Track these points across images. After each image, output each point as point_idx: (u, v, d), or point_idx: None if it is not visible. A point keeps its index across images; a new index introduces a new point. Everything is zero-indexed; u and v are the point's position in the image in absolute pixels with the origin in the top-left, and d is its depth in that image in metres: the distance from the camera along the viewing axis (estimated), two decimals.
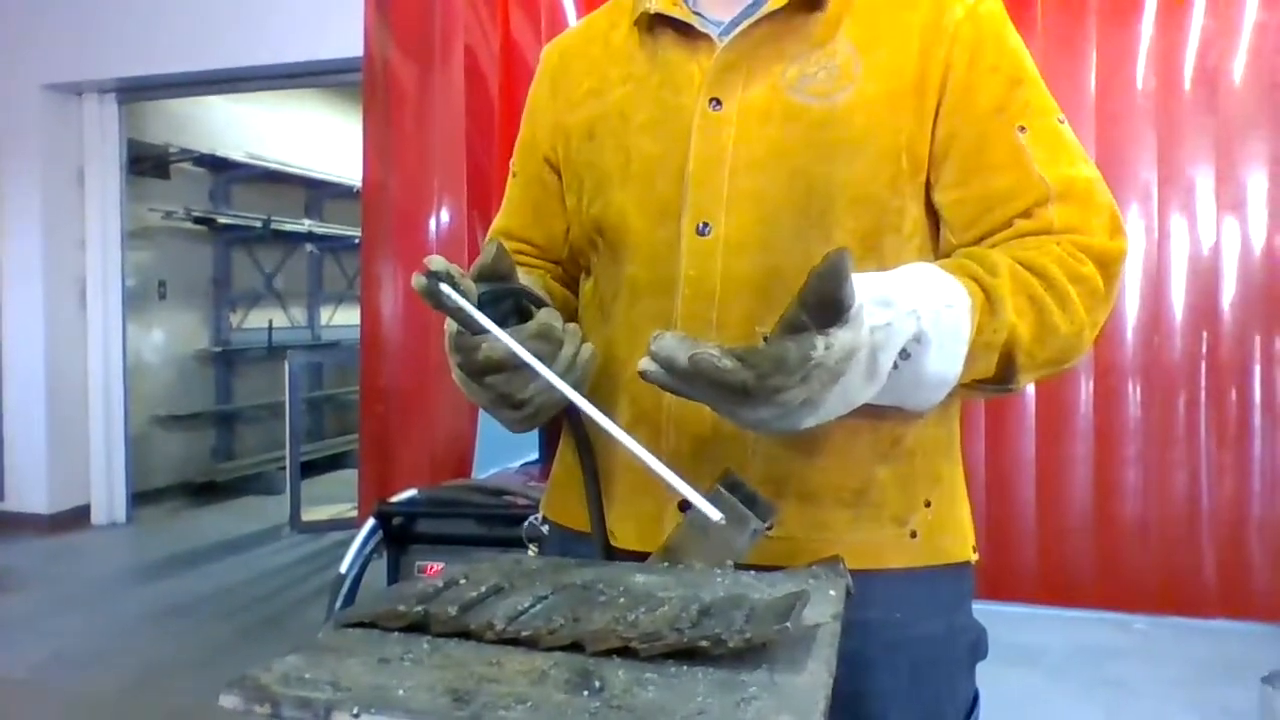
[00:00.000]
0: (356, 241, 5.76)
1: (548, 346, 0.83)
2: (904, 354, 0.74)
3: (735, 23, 0.93)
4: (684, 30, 0.94)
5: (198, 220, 5.38)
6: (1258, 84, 2.06)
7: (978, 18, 0.91)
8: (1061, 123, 0.89)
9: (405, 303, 2.60)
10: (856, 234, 0.88)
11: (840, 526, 0.87)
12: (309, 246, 6.47)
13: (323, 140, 6.28)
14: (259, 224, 5.72)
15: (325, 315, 6.79)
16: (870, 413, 0.86)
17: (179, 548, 4.26)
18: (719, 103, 0.91)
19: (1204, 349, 2.09)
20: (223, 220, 5.55)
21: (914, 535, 0.89)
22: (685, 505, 0.88)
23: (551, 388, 0.82)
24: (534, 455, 2.36)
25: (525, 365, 0.79)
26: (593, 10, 2.52)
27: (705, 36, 0.93)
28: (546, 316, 0.84)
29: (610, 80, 1.00)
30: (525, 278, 0.98)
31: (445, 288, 0.77)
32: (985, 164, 0.88)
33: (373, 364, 2.61)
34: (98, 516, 4.44)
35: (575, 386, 0.85)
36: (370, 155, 2.65)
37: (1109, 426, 2.11)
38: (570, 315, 1.00)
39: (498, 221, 1.11)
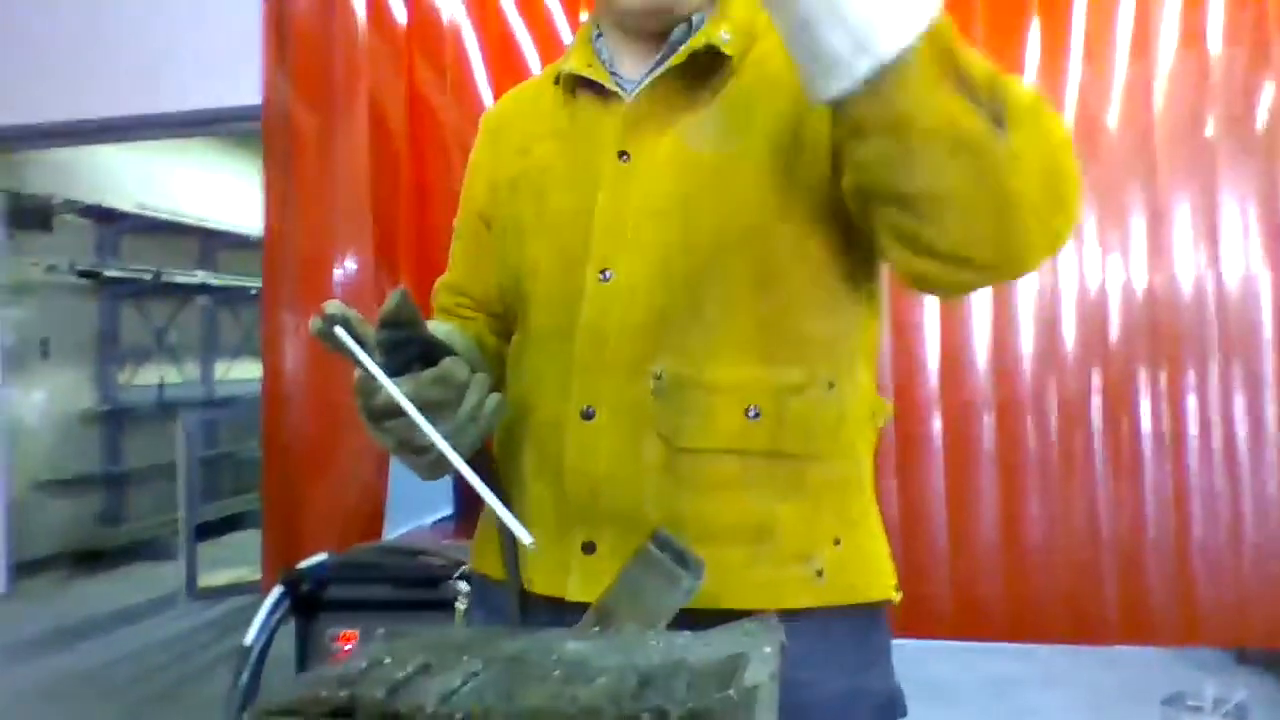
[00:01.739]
0: (253, 292, 5.60)
1: (446, 394, 0.84)
2: None
3: (650, 72, 0.97)
4: (598, 89, 0.98)
5: (82, 274, 5.14)
6: (1133, 132, 2.19)
7: None
8: None
9: (310, 355, 2.52)
10: (746, 270, 0.90)
11: (739, 565, 0.87)
12: (202, 299, 6.26)
13: (217, 189, 6.11)
14: (149, 276, 5.50)
15: (220, 370, 6.55)
16: (769, 449, 0.87)
17: (63, 621, 4.01)
18: (627, 155, 0.95)
19: (1095, 383, 2.18)
20: (110, 273, 5.32)
21: (820, 575, 0.90)
22: (589, 548, 0.88)
23: (454, 434, 0.82)
24: (448, 510, 2.31)
25: (397, 415, 0.79)
26: (497, 62, 2.52)
27: (616, 94, 0.96)
28: (449, 365, 0.85)
29: (535, 137, 1.04)
30: (455, 330, 1.00)
31: (340, 331, 0.77)
32: None
33: (275, 419, 2.52)
34: None
35: (479, 435, 0.86)
36: (272, 204, 2.58)
37: (1011, 459, 2.18)
38: (501, 365, 1.02)
39: (444, 276, 1.15)
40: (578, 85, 1.00)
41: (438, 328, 0.98)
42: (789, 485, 0.91)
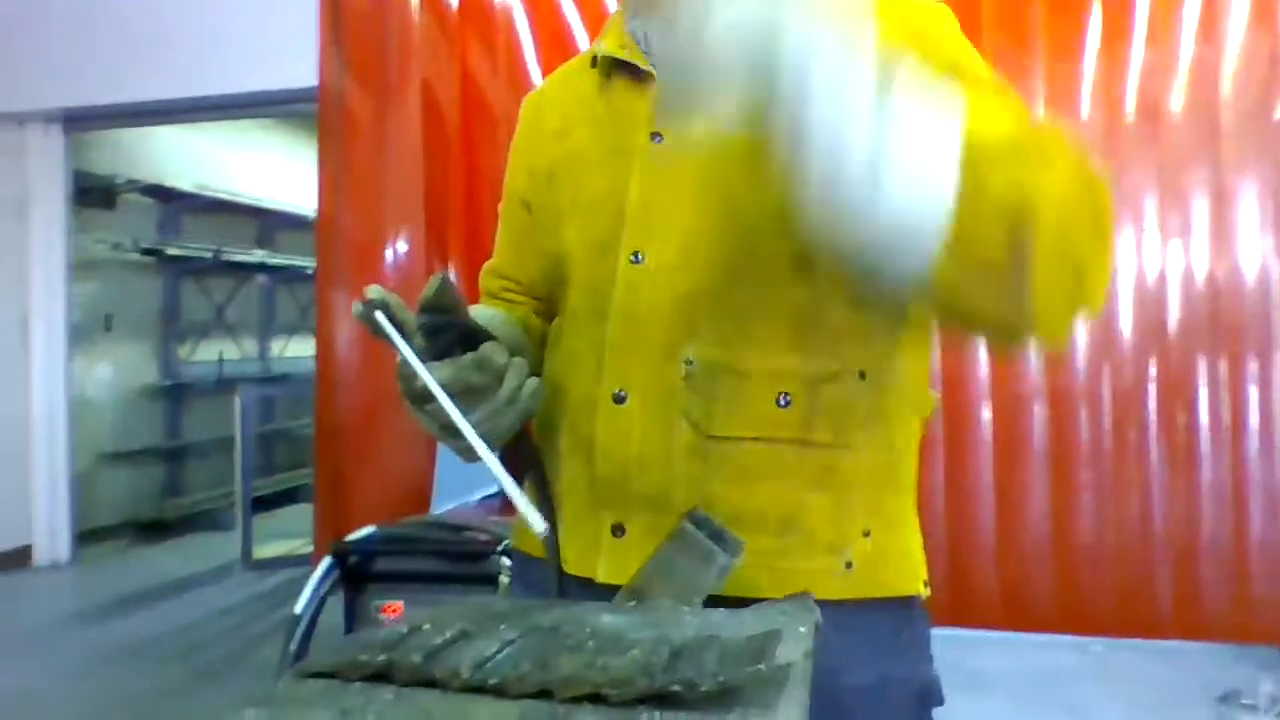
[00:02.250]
0: (310, 272, 5.70)
1: (484, 378, 0.85)
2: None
3: None
4: (633, 70, 0.97)
5: (145, 252, 5.28)
6: (1196, 114, 2.13)
7: (906, 22, 0.89)
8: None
9: (361, 335, 2.56)
10: (782, 255, 0.89)
11: (768, 554, 0.87)
12: (260, 277, 6.38)
13: (274, 170, 6.21)
14: (209, 255, 5.62)
15: (277, 347, 6.69)
16: (799, 437, 0.87)
17: (125, 588, 4.13)
18: (660, 136, 0.94)
19: (1152, 373, 2.13)
20: (171, 251, 5.45)
21: (849, 566, 0.89)
22: (618, 530, 0.89)
23: (493, 417, 0.83)
24: (494, 489, 2.34)
25: (435, 394, 0.80)
26: (549, 44, 2.52)
27: (650, 74, 0.96)
28: (487, 349, 0.86)
29: (573, 122, 1.04)
30: (499, 314, 1.01)
31: (380, 316, 0.78)
32: None
33: (327, 398, 2.57)
34: (39, 557, 4.30)
35: (517, 419, 0.87)
36: (325, 186, 2.62)
37: (1063, 451, 2.14)
38: (545, 348, 1.03)
39: (490, 261, 1.16)
40: (612, 68, 1.00)
41: (481, 312, 0.99)
42: (820, 475, 0.90)
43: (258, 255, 6.15)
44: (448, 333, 0.85)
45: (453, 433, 0.88)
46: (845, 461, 0.91)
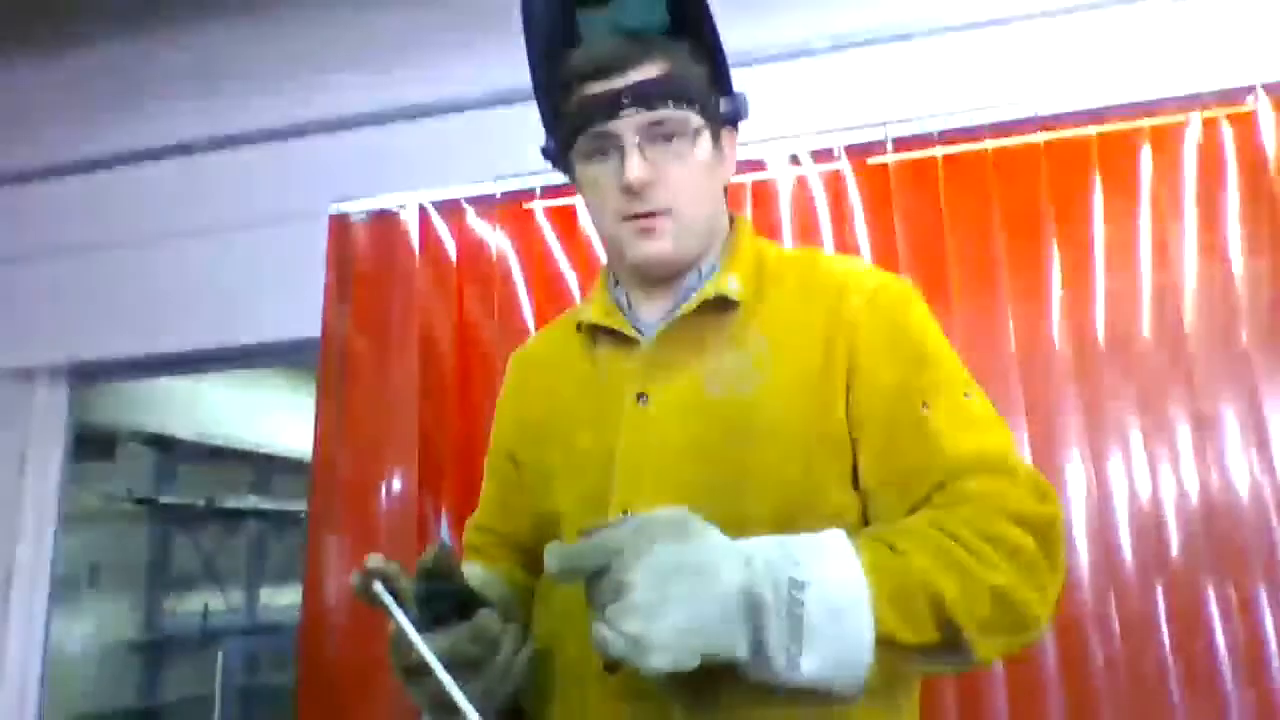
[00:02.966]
0: (302, 516, 5.65)
1: (481, 650, 0.84)
2: (794, 603, 0.75)
3: (663, 319, 1.02)
4: (618, 334, 1.03)
5: (138, 501, 5.26)
6: (1167, 341, 2.20)
7: (875, 304, 0.98)
8: (968, 397, 0.95)
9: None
10: (768, 516, 0.90)
11: None
12: (252, 523, 6.32)
13: (272, 414, 6.31)
14: (202, 503, 5.60)
15: (265, 596, 6.51)
16: (792, 698, 0.83)
17: None
18: (645, 397, 0.98)
19: (1160, 599, 2.08)
20: (165, 500, 5.43)
21: None
22: None
23: (489, 692, 0.81)
24: None
25: (433, 671, 0.78)
26: (541, 292, 2.63)
27: (634, 339, 1.02)
28: (484, 619, 0.86)
29: (561, 381, 1.10)
30: (491, 575, 1.00)
31: (379, 587, 0.78)
32: (894, 446, 0.94)
33: (313, 650, 2.47)
34: None
35: (513, 689, 0.85)
36: (322, 431, 2.66)
37: (1080, 685, 2.05)
38: (531, 602, 1.01)
39: (474, 516, 1.18)
40: (598, 332, 1.06)
41: (473, 573, 0.99)
42: None
43: (251, 501, 6.12)
44: (444, 599, 0.85)
45: (447, 709, 0.85)
46: (845, 717, 0.87)
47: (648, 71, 1.01)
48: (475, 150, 2.87)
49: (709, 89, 1.07)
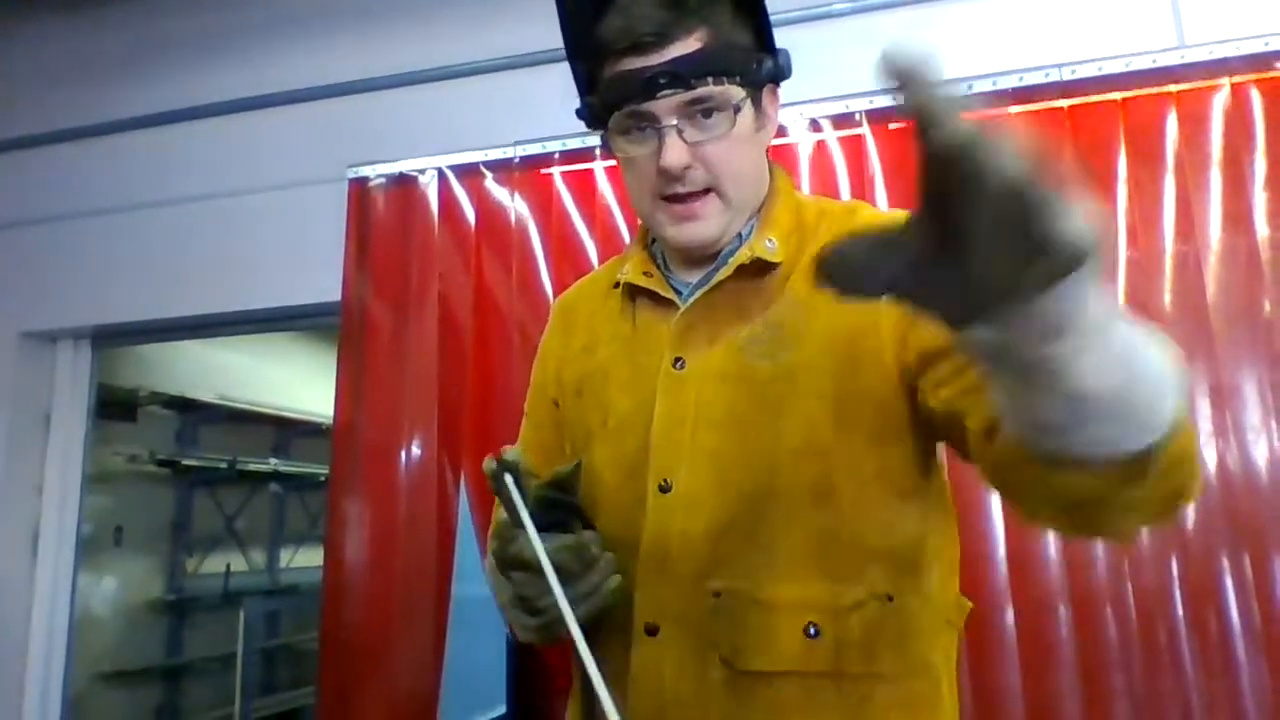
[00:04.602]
0: (321, 479, 5.71)
1: (578, 565, 0.85)
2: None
3: (700, 284, 1.01)
4: (655, 296, 1.01)
5: (160, 463, 5.32)
6: (1187, 312, 2.17)
7: None
8: None
9: (372, 544, 2.54)
10: (804, 486, 0.89)
11: None
12: (273, 486, 6.40)
13: (292, 378, 6.36)
14: (224, 465, 5.67)
15: (285, 558, 6.60)
16: (831, 669, 0.84)
17: None
18: (682, 362, 0.97)
19: (1175, 573, 2.07)
20: (187, 462, 5.50)
21: None
22: None
23: (573, 603, 0.83)
24: (500, 709, 2.24)
25: (528, 566, 0.81)
26: (560, 256, 2.61)
27: (672, 300, 1.00)
28: (588, 537, 0.87)
29: (600, 339, 1.09)
30: None
31: (509, 477, 0.81)
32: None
33: (335, 610, 2.51)
34: None
35: (589, 613, 0.86)
36: (343, 396, 2.68)
37: (1093, 658, 2.05)
38: None
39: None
40: (637, 291, 1.04)
41: None
42: (855, 707, 0.87)
43: (272, 464, 6.19)
44: (561, 509, 0.87)
45: (526, 607, 0.87)
46: (881, 692, 0.88)
47: (687, 44, 0.96)
48: (494, 115, 2.86)
49: (751, 53, 1.02)
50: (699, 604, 0.89)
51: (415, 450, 2.59)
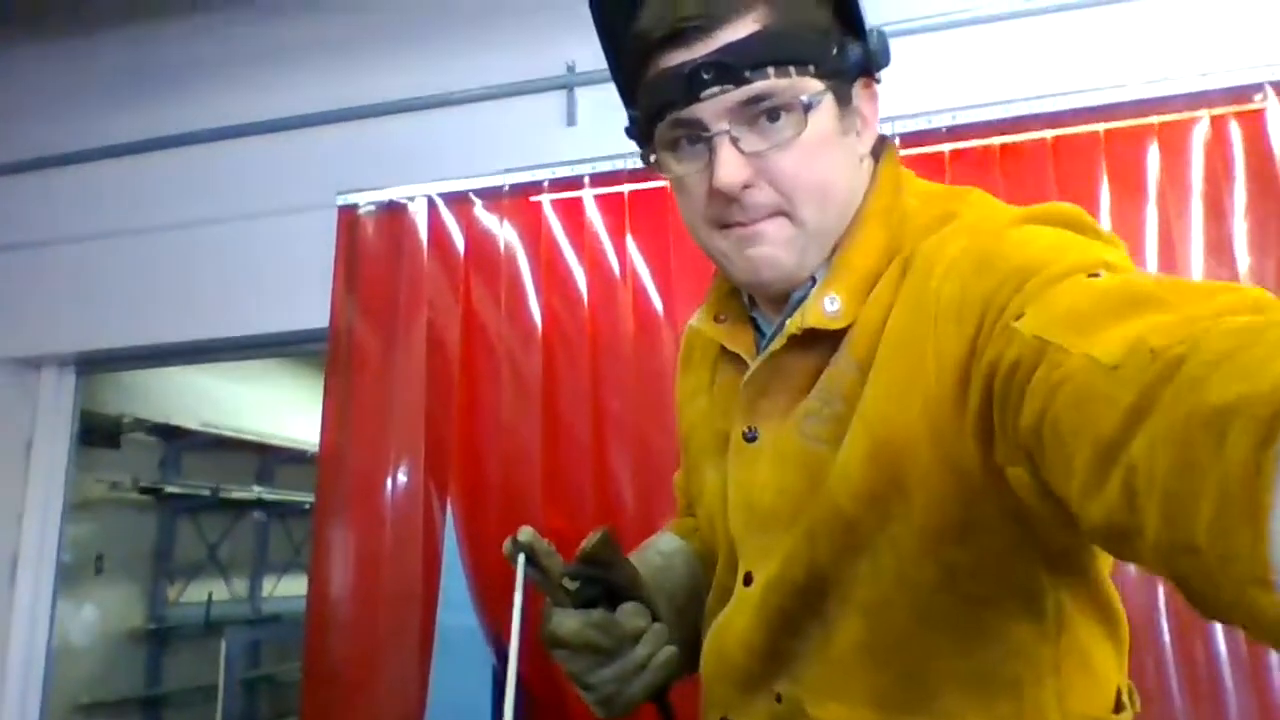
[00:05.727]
0: (306, 507, 5.66)
1: (610, 641, 0.83)
2: None
3: (766, 344, 0.87)
4: (735, 357, 0.89)
5: (143, 490, 5.27)
6: None
7: (951, 274, 0.72)
8: (1093, 276, 0.62)
9: (357, 573, 2.51)
10: (858, 593, 0.77)
11: None
12: (256, 513, 6.34)
13: (276, 404, 6.32)
14: (207, 492, 5.62)
15: (268, 586, 6.53)
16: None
17: None
18: (754, 433, 0.85)
19: (1161, 604, 2.07)
20: (170, 489, 5.44)
21: None
22: None
23: (620, 679, 0.82)
24: None
25: (570, 645, 0.80)
26: (549, 284, 2.59)
27: (746, 364, 0.86)
28: (622, 613, 0.84)
29: (700, 386, 0.99)
30: (680, 555, 0.97)
31: (521, 561, 0.80)
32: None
33: (318, 640, 2.48)
34: None
35: (649, 686, 0.85)
36: (329, 422, 2.67)
37: None
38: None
39: (677, 475, 1.13)
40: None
41: (664, 544, 0.98)
42: None
43: (255, 491, 6.13)
44: (595, 585, 0.85)
45: (578, 682, 0.85)
46: None
47: (737, 30, 0.75)
48: (483, 143, 2.87)
49: (830, 35, 0.80)
50: (764, 705, 0.83)
51: (401, 478, 2.58)
